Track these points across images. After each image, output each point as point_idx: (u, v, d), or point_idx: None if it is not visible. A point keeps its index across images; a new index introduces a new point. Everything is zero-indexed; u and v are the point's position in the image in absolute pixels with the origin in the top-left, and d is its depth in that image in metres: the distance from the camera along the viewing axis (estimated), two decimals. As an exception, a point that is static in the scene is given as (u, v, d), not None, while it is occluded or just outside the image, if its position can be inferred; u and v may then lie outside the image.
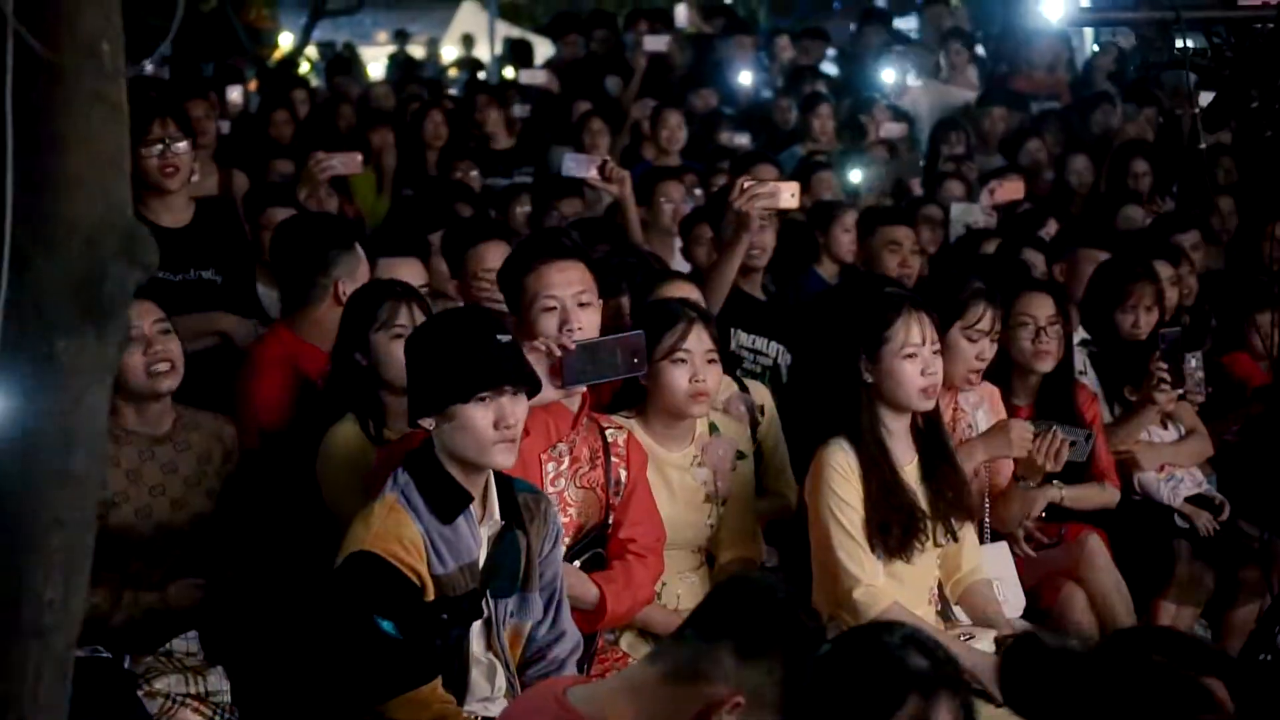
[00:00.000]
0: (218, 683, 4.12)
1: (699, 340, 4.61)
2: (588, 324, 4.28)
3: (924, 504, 4.57)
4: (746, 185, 5.89)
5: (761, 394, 5.32)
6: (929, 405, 4.56)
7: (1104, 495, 5.57)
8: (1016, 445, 5.01)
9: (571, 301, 4.28)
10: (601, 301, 4.88)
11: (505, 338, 3.83)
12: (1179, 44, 4.44)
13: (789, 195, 5.96)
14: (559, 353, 4.05)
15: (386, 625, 3.66)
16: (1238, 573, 5.85)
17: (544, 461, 4.18)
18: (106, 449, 2.53)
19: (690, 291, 5.20)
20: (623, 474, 4.37)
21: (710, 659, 2.96)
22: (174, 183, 5.56)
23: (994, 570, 4.95)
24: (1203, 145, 4.49)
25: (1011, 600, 5.03)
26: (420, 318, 4.64)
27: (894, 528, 4.47)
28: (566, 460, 4.29)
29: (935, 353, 4.53)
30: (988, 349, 5.11)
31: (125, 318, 2.36)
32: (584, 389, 4.29)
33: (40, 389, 2.29)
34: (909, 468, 4.60)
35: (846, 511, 4.46)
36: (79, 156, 2.30)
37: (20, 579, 2.31)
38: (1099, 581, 5.47)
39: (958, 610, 4.78)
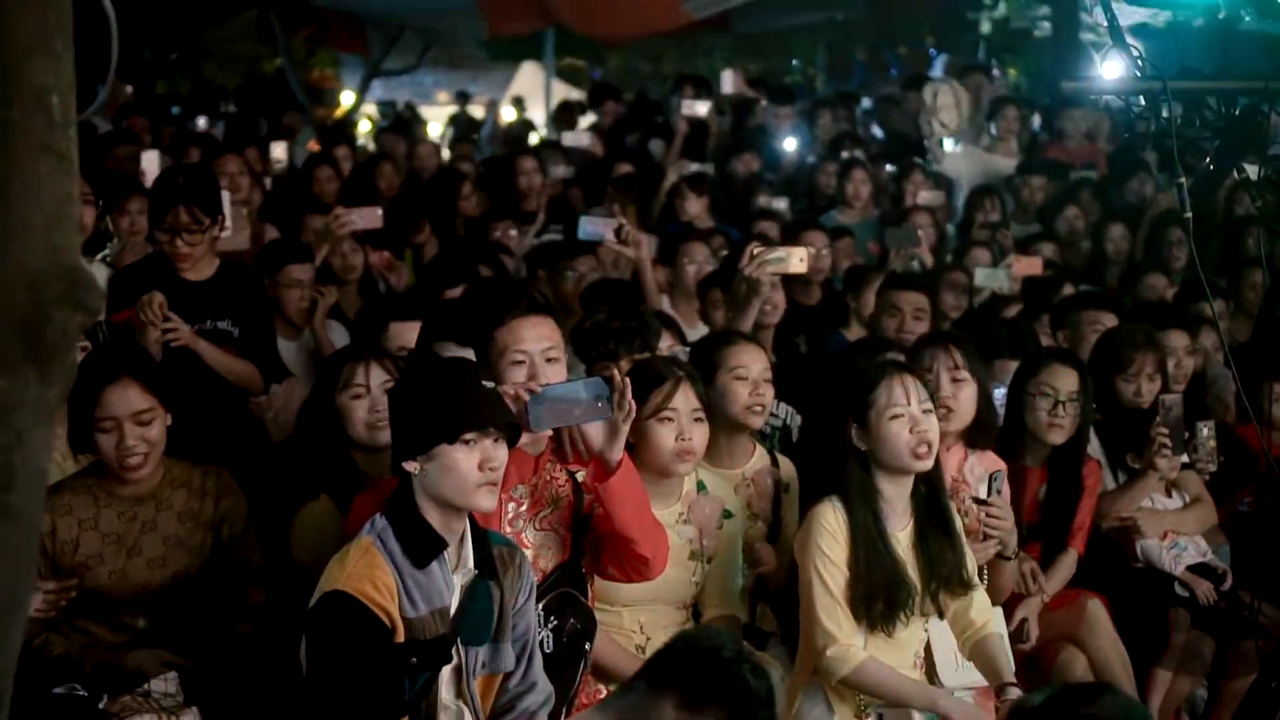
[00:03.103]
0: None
1: (685, 399, 4.68)
2: (555, 379, 4.34)
3: (914, 574, 4.58)
4: (756, 251, 5.99)
5: (789, 470, 5.39)
6: (925, 466, 4.57)
7: (1065, 565, 5.63)
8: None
9: (540, 357, 4.35)
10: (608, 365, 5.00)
11: (490, 384, 3.95)
12: (1164, 114, 4.48)
13: (798, 260, 6.05)
14: (525, 397, 4.13)
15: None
16: (1237, 643, 5.83)
17: (504, 502, 4.25)
18: (45, 487, 2.60)
19: (757, 357, 5.31)
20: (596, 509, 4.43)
21: (655, 709, 3.02)
22: (186, 264, 5.77)
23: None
24: (1188, 215, 4.51)
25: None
26: (380, 375, 4.84)
27: (878, 601, 4.50)
28: (527, 503, 4.36)
29: (925, 412, 4.56)
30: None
31: (69, 362, 2.45)
32: (548, 434, 4.37)
33: (-19, 426, 2.38)
34: (902, 534, 4.62)
35: (831, 570, 4.50)
36: (25, 205, 2.39)
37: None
38: (1099, 646, 5.49)
39: (948, 673, 4.78)
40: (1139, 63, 4.50)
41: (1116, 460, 6.03)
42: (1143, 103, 5.07)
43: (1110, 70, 4.79)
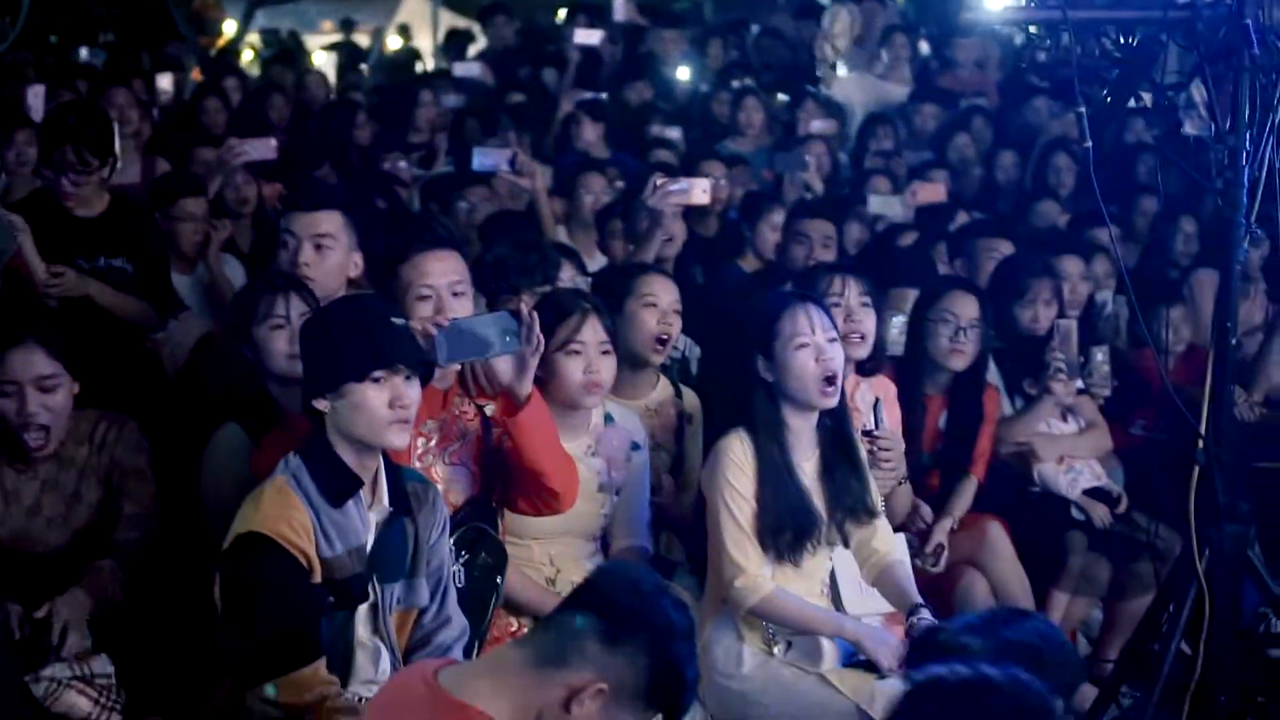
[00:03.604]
0: (103, 666, 4.17)
1: (593, 331, 4.68)
2: (461, 314, 4.33)
3: (820, 504, 4.62)
4: (660, 182, 5.98)
5: (692, 402, 5.41)
6: (831, 403, 4.59)
7: (966, 491, 5.71)
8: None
9: (446, 290, 4.34)
10: (510, 298, 4.98)
11: (400, 321, 3.93)
12: (1065, 43, 4.52)
13: (700, 191, 6.06)
14: (433, 332, 4.11)
15: None
16: (1131, 566, 5.95)
17: (414, 437, 4.23)
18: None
19: (667, 288, 5.33)
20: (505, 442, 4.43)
21: (575, 645, 3.02)
22: (75, 201, 5.64)
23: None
24: (1088, 144, 4.55)
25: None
26: (300, 306, 4.73)
27: (785, 531, 4.53)
28: (436, 437, 4.35)
29: (830, 341, 4.57)
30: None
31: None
32: (456, 368, 4.35)
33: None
34: (808, 464, 4.65)
35: (738, 502, 4.53)
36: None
37: None
38: (1000, 570, 5.58)
39: (853, 601, 4.83)
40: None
41: (1014, 387, 6.11)
42: (1034, 31, 5.12)
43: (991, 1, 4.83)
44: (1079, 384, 6.05)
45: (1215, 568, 4.68)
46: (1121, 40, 4.71)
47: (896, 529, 5.05)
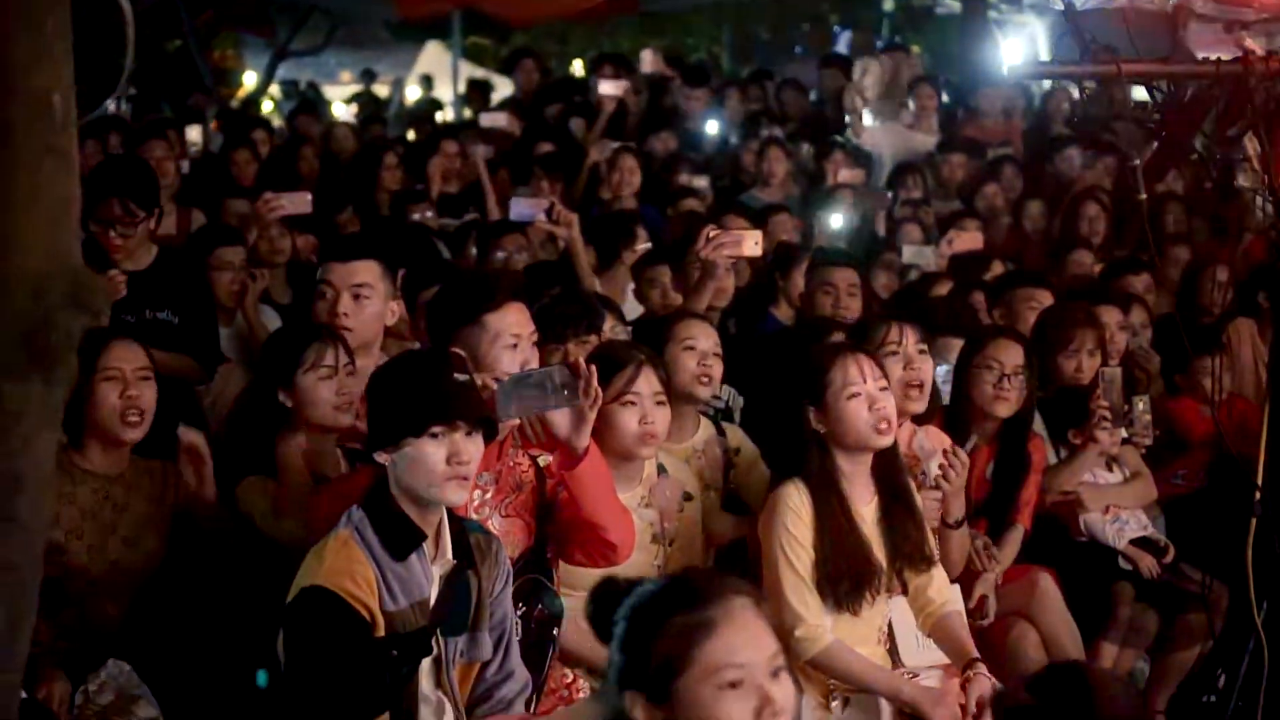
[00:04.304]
0: (147, 710, 4.16)
1: (648, 382, 4.68)
2: (534, 365, 4.36)
3: (879, 552, 4.60)
4: (713, 234, 5.99)
5: (737, 436, 5.41)
6: (886, 442, 4.59)
7: (1013, 541, 5.66)
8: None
9: (528, 340, 4.39)
10: (556, 348, 4.98)
11: (462, 377, 3.89)
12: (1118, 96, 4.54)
13: (753, 243, 6.07)
14: (494, 386, 4.12)
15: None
16: (1179, 617, 5.92)
17: (469, 489, 4.23)
18: (52, 494, 2.56)
19: (707, 332, 5.35)
20: (559, 492, 4.41)
21: (627, 708, 3.00)
22: (120, 255, 5.67)
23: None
24: (1143, 196, 4.56)
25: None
26: (343, 357, 4.78)
27: (845, 580, 4.51)
28: (492, 490, 4.34)
29: (882, 390, 4.58)
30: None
31: (72, 364, 2.41)
32: (514, 422, 4.35)
33: (-13, 432, 2.33)
34: (866, 509, 4.64)
35: (797, 550, 4.51)
36: (28, 208, 2.35)
37: (-35, 622, 2.35)
38: (1050, 621, 5.55)
39: (909, 651, 4.81)
40: (1090, 45, 4.54)
41: (1058, 437, 6.09)
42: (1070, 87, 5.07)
43: (1010, 49, 4.86)
44: (1123, 433, 6.04)
45: (1273, 620, 4.67)
46: (1171, 92, 4.70)
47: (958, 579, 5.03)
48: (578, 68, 20.62)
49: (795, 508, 4.51)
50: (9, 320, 2.33)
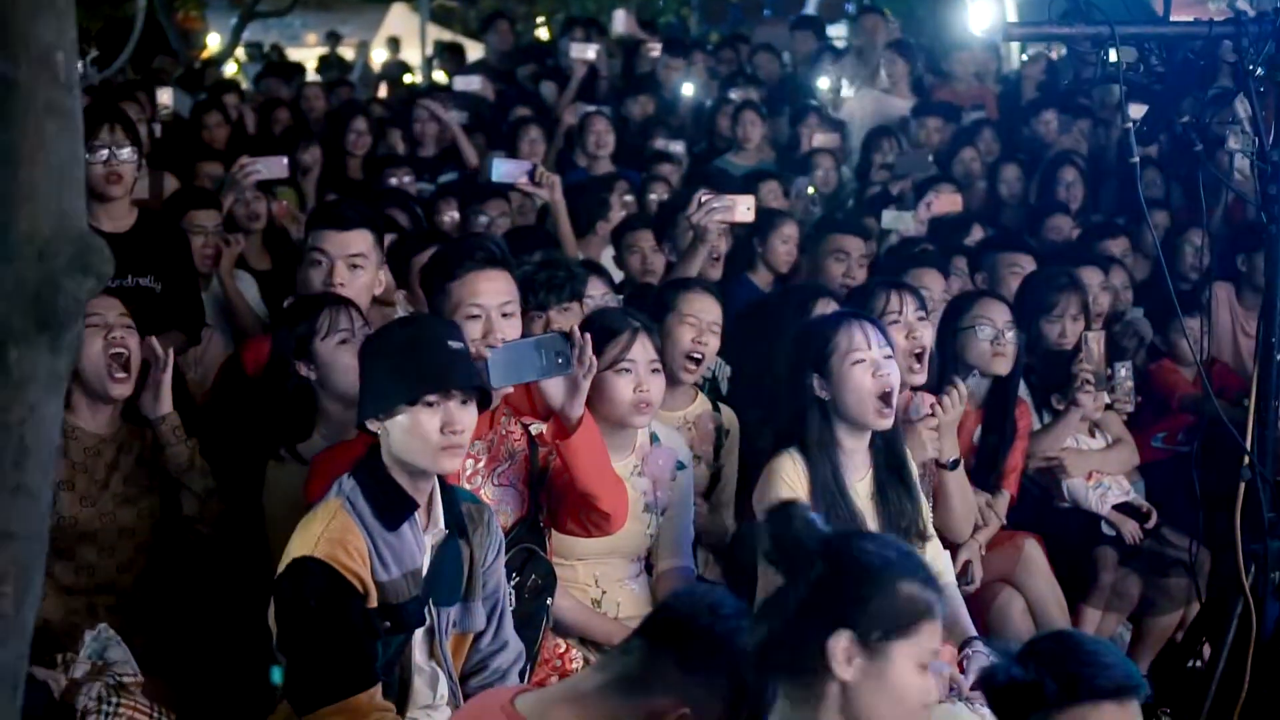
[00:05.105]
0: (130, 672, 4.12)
1: (643, 350, 4.64)
2: (510, 335, 4.30)
3: (873, 525, 4.55)
4: (704, 199, 5.95)
5: (730, 418, 5.39)
6: (886, 424, 4.54)
7: (999, 507, 5.66)
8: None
9: (496, 311, 4.30)
10: (538, 315, 4.94)
11: (457, 344, 3.84)
12: (1112, 58, 4.52)
13: (745, 209, 6.03)
14: (486, 354, 4.08)
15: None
16: (1161, 581, 5.93)
17: (463, 458, 4.19)
18: (56, 460, 2.51)
19: (708, 306, 5.31)
20: (551, 461, 4.39)
21: (655, 670, 2.99)
22: (117, 190, 5.57)
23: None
24: (1135, 159, 4.54)
25: None
26: (358, 320, 4.68)
27: None
28: (484, 458, 4.31)
29: (886, 358, 4.54)
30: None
31: (79, 329, 2.35)
32: (506, 390, 4.32)
33: (-7, 399, 2.28)
34: (861, 484, 4.61)
35: None
36: (33, 168, 2.28)
37: (-28, 592, 2.30)
38: (1036, 586, 5.56)
39: None
40: (1083, 7, 4.52)
41: (1042, 403, 6.09)
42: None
43: (979, 14, 4.83)
44: (1106, 398, 6.04)
45: (1261, 584, 4.68)
46: (1165, 55, 4.68)
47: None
48: (543, 30, 20.52)
49: (789, 479, 4.47)
50: (15, 284, 2.27)
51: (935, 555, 4.75)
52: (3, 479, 2.30)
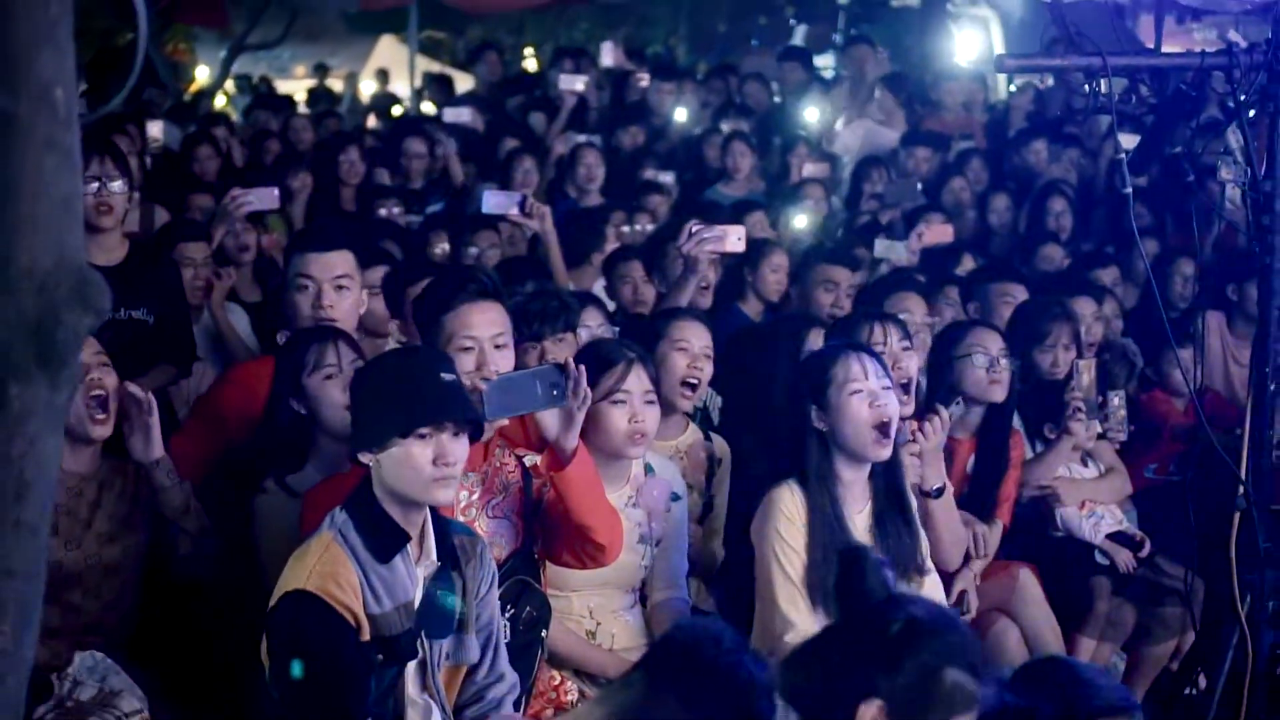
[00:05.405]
0: (131, 704, 4.09)
1: (638, 381, 4.63)
2: (503, 366, 4.29)
3: None
4: (695, 229, 5.95)
5: (721, 447, 5.38)
6: (883, 455, 4.54)
7: (993, 537, 5.63)
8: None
9: (489, 343, 4.29)
10: (533, 346, 4.93)
11: (450, 376, 3.84)
12: (1103, 89, 4.53)
13: (735, 239, 6.03)
14: (483, 387, 4.07)
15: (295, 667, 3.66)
16: (1155, 610, 5.93)
17: (456, 490, 4.18)
18: (55, 498, 2.50)
19: (699, 333, 5.32)
20: (546, 492, 4.37)
21: (656, 704, 2.97)
22: (108, 221, 5.55)
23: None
24: (1128, 189, 4.56)
25: None
26: (349, 354, 4.67)
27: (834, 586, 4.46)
28: (479, 491, 4.29)
29: (885, 389, 4.53)
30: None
31: (77, 364, 2.35)
32: (502, 422, 4.31)
33: (-9, 435, 2.27)
34: (859, 516, 4.59)
35: (789, 555, 4.47)
36: (32, 203, 2.28)
37: (-30, 630, 2.29)
38: (1031, 616, 5.56)
39: None
40: (1074, 38, 4.54)
41: (1034, 433, 6.09)
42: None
43: (966, 43, 4.86)
44: (1098, 428, 6.04)
45: (1258, 613, 4.68)
46: (1157, 86, 4.70)
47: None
48: (531, 61, 20.55)
49: (788, 512, 4.47)
50: (14, 319, 2.26)
51: (933, 589, 4.75)
52: (3, 514, 2.29)
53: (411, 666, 3.83)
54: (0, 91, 2.25)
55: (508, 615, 4.18)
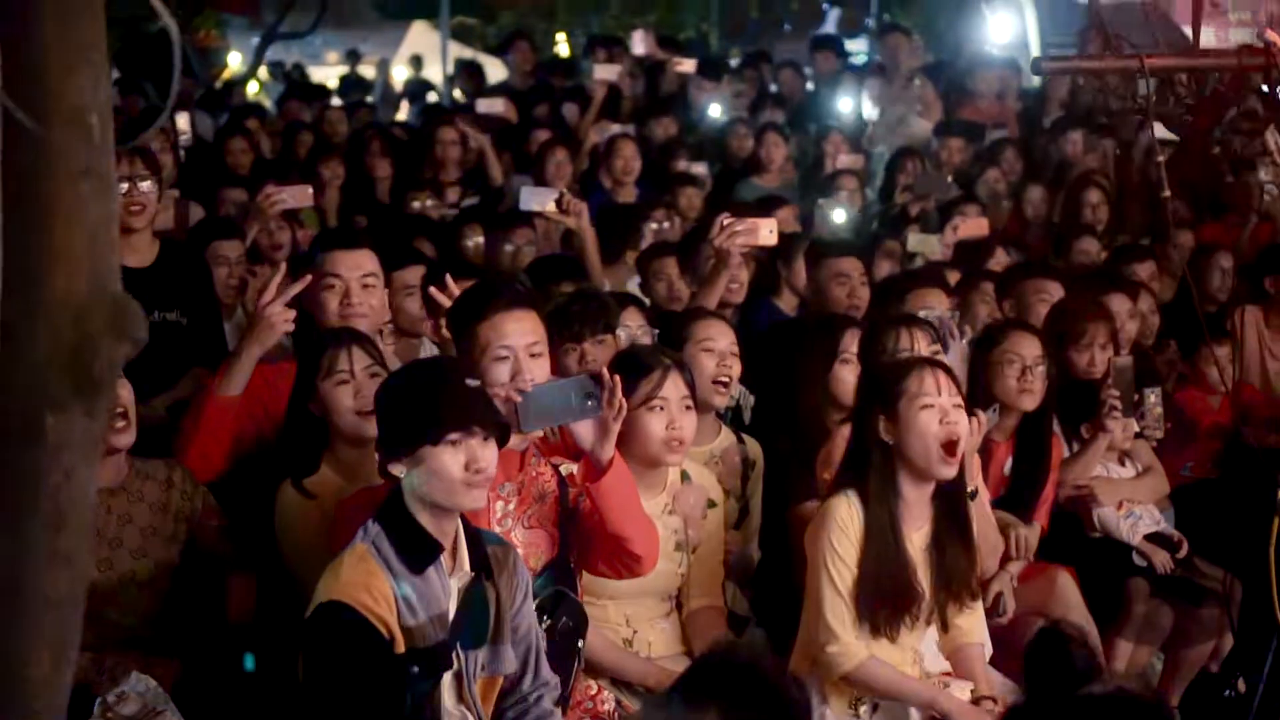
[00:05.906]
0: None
1: (675, 387, 4.60)
2: (538, 375, 4.25)
3: (923, 581, 4.48)
4: (726, 222, 5.90)
5: (755, 450, 5.33)
6: (950, 472, 4.45)
7: (1032, 539, 5.57)
8: None
9: (524, 352, 4.25)
10: (572, 348, 4.91)
11: (475, 383, 3.87)
12: (1141, 90, 4.49)
13: (767, 232, 5.97)
14: (517, 398, 4.06)
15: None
16: (1193, 611, 5.89)
17: (492, 501, 4.15)
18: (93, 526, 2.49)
19: (724, 331, 5.28)
20: (581, 502, 4.36)
21: None
22: (139, 222, 5.53)
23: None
24: (1166, 193, 4.52)
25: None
26: (363, 359, 4.66)
27: (884, 605, 4.40)
28: (515, 501, 4.27)
29: (956, 406, 4.45)
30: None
31: (113, 392, 2.34)
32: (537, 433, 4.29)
33: (29, 465, 2.26)
34: (917, 535, 4.51)
35: (839, 567, 4.40)
36: (67, 230, 2.27)
37: (9, 659, 2.28)
38: (1069, 620, 5.49)
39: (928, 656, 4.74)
40: (1114, 39, 4.50)
41: (1070, 433, 6.04)
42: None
43: (999, 26, 4.82)
44: (1134, 427, 5.99)
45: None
46: (1194, 87, 4.66)
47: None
48: (563, 46, 20.54)
49: (843, 523, 4.40)
50: (51, 349, 2.26)
51: (975, 616, 4.68)
52: (41, 545, 2.29)
53: (447, 678, 3.82)
54: (33, 118, 2.24)
55: (544, 625, 4.16)
